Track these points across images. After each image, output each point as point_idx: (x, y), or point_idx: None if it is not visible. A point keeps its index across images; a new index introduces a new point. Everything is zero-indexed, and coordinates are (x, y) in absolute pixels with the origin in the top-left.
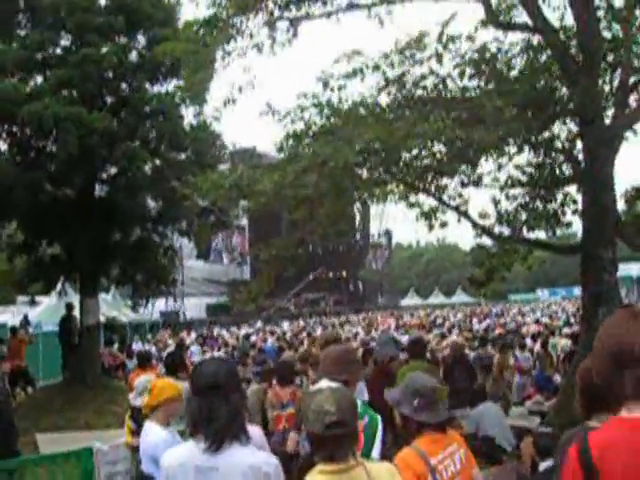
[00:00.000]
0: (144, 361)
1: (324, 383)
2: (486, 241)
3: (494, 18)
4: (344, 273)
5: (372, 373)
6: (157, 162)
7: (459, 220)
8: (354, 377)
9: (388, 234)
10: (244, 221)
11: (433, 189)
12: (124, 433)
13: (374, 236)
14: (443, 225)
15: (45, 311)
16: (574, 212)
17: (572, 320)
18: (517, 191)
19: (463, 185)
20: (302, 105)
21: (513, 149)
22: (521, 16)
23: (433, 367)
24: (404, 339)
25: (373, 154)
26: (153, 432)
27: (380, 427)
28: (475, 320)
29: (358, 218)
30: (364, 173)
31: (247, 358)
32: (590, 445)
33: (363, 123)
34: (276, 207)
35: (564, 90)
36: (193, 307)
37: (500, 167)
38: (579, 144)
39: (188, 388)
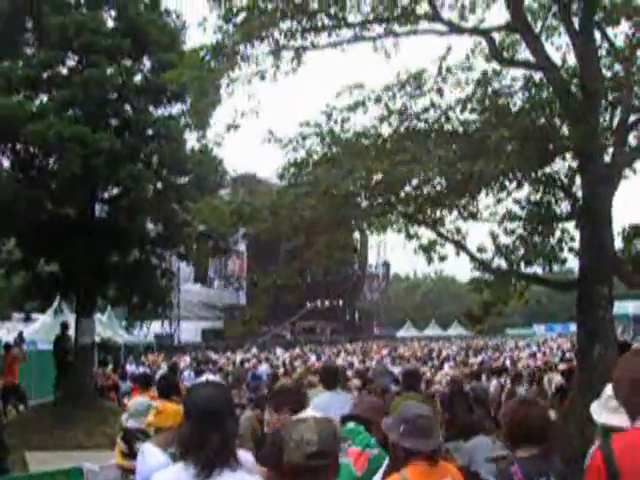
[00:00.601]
0: (145, 384)
1: (308, 412)
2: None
3: (497, 53)
4: (340, 302)
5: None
6: (159, 185)
7: (458, 253)
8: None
9: (386, 265)
10: (242, 246)
11: (432, 221)
12: (115, 454)
13: (372, 266)
14: (442, 259)
15: (40, 329)
16: (571, 250)
17: (568, 356)
18: (515, 225)
19: (462, 218)
20: (304, 133)
21: (513, 184)
22: (524, 53)
23: (428, 399)
24: (398, 370)
25: (374, 185)
26: (152, 455)
27: (385, 464)
28: (471, 353)
29: (356, 247)
30: (363, 202)
31: (241, 384)
32: (613, 447)
33: (365, 153)
34: (274, 233)
35: (564, 127)
36: (188, 331)
37: (499, 201)
38: (578, 180)
39: (181, 412)
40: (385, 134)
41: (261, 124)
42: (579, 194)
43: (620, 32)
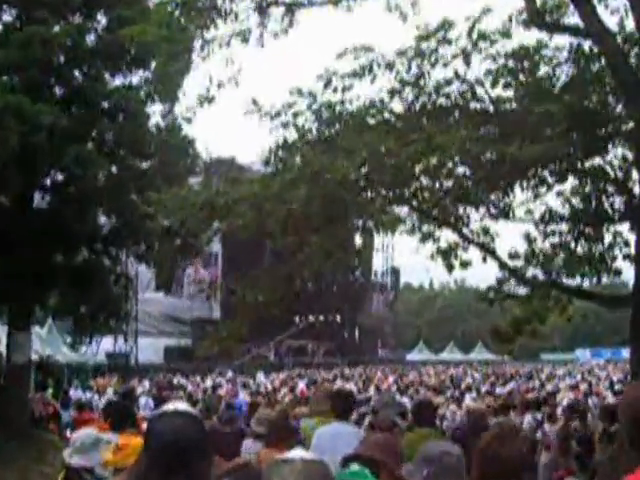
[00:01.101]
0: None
1: (296, 452)
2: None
3: (538, 17)
4: (338, 317)
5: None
6: (114, 170)
7: (484, 259)
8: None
9: (395, 273)
10: (217, 247)
11: (453, 220)
12: None
13: (377, 274)
14: (465, 265)
15: None
16: (625, 257)
17: (618, 388)
18: (556, 227)
19: (490, 216)
20: (295, 106)
21: (554, 176)
22: (571, 17)
23: (444, 437)
24: (408, 402)
25: (380, 170)
26: None
27: None
28: (498, 382)
29: (358, 249)
30: (368, 194)
31: (212, 415)
32: None
33: (370, 132)
34: (256, 230)
35: (619, 108)
36: (148, 349)
37: (537, 197)
38: (635, 174)
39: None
40: (396, 110)
41: (242, 97)
42: (636, 190)
43: None
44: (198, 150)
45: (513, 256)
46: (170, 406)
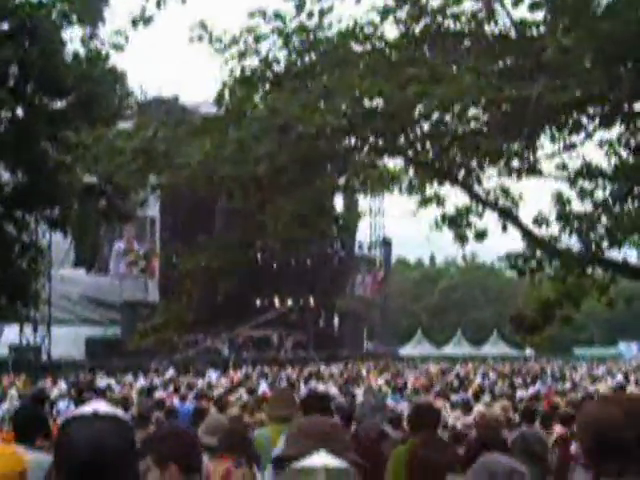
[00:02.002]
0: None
1: (319, 458)
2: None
3: None
4: (311, 300)
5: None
6: (19, 110)
7: (504, 227)
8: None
9: (386, 245)
10: (154, 210)
11: (463, 176)
12: None
13: (363, 246)
14: (480, 236)
15: None
16: None
17: None
18: (596, 185)
19: (511, 172)
20: (258, 30)
21: (594, 121)
22: None
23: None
24: (402, 407)
25: (369, 116)
26: None
27: None
28: (518, 382)
29: (338, 216)
30: (351, 141)
31: (148, 423)
32: None
33: (355, 66)
34: (206, 186)
35: None
36: (64, 341)
37: (572, 147)
38: None
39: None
40: (389, 36)
41: (188, 19)
42: None
43: None
44: (130, 87)
45: (540, 222)
46: (87, 408)
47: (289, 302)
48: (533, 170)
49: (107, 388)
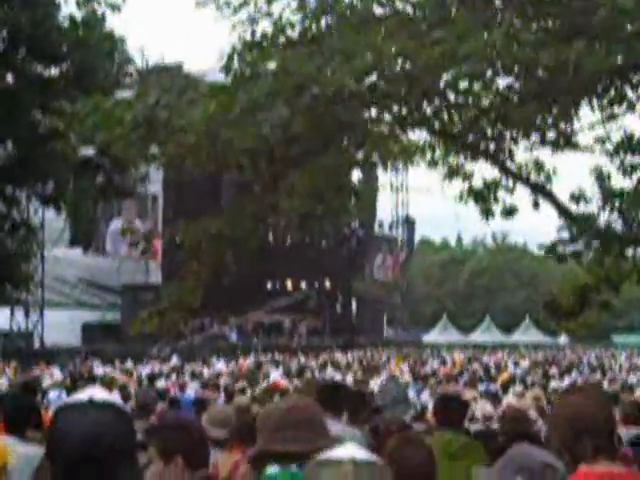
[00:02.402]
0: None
1: (345, 450)
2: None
3: None
4: (327, 283)
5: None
6: (9, 77)
7: (536, 204)
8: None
9: (409, 224)
10: (156, 186)
11: (493, 149)
12: None
13: (384, 225)
14: (509, 212)
15: None
16: None
17: None
18: None
19: (546, 144)
20: None
21: (638, 91)
22: None
23: (478, 445)
24: (425, 397)
25: (390, 81)
26: None
27: None
28: (553, 372)
29: (357, 191)
30: (372, 113)
31: (150, 414)
32: None
33: (376, 27)
34: (213, 159)
35: None
36: (58, 326)
37: (612, 118)
38: None
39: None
40: None
41: None
42: None
43: None
44: (129, 53)
45: (578, 198)
46: (82, 395)
47: (303, 285)
48: (570, 143)
49: (105, 377)
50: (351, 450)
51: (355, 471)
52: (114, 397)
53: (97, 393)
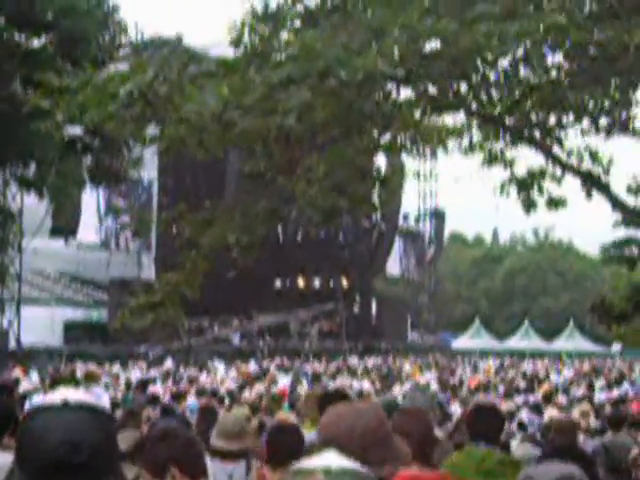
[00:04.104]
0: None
1: (322, 458)
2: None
3: None
4: (344, 281)
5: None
6: None
7: (588, 193)
8: None
9: (438, 217)
10: (151, 171)
11: (539, 134)
12: None
13: (409, 218)
14: (557, 204)
15: None
16: None
17: None
18: None
19: (599, 131)
20: None
21: None
22: None
23: (516, 461)
24: (455, 408)
25: (426, 63)
26: None
27: None
28: (600, 384)
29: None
30: (399, 93)
31: (138, 420)
32: None
33: (406, 3)
34: (220, 144)
35: None
36: (38, 324)
37: None
38: None
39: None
40: None
41: None
42: None
43: None
44: (123, 23)
45: (636, 190)
46: (55, 396)
47: (316, 283)
48: (626, 128)
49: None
50: (328, 458)
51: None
52: (95, 394)
53: (72, 394)
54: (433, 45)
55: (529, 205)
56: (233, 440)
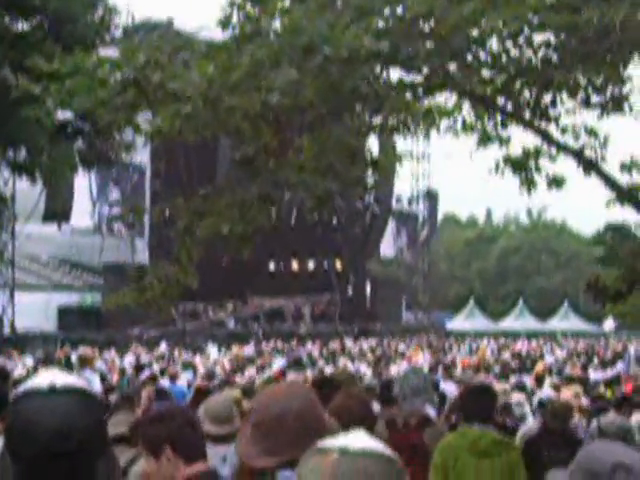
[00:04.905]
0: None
1: (342, 439)
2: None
3: None
4: (338, 264)
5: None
6: None
7: (586, 171)
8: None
9: (431, 198)
10: (143, 155)
11: (531, 115)
12: None
13: (402, 200)
14: (557, 183)
15: None
16: None
17: None
18: None
19: (590, 109)
20: None
21: None
22: None
23: (511, 441)
24: (450, 388)
25: (414, 40)
26: None
27: None
28: (594, 364)
29: (374, 159)
30: (391, 74)
31: (134, 405)
32: None
33: None
34: (209, 127)
35: None
36: (32, 310)
37: None
38: None
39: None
40: None
41: None
42: None
43: None
44: (113, 6)
45: (629, 167)
46: (42, 379)
47: (310, 266)
48: (620, 107)
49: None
50: (351, 437)
51: (339, 462)
52: (86, 377)
53: (59, 377)
54: (420, 23)
55: (529, 184)
56: (222, 424)
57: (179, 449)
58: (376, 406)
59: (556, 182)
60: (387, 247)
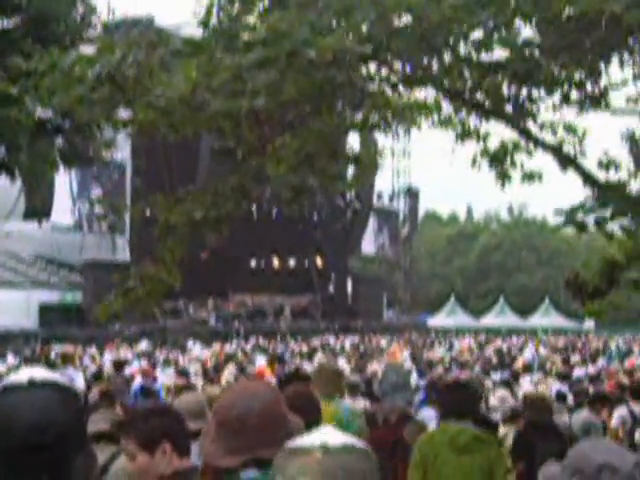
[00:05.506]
0: None
1: (317, 435)
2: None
3: None
4: (319, 261)
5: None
6: None
7: (563, 167)
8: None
9: (412, 195)
10: (124, 152)
11: (510, 109)
12: None
13: (383, 197)
14: (531, 177)
15: None
16: None
17: None
18: None
19: (568, 105)
20: None
21: None
22: None
23: (491, 437)
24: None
25: (395, 38)
26: None
27: None
28: (575, 360)
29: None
30: (371, 70)
31: (114, 403)
32: None
33: None
34: (190, 126)
35: None
36: (12, 308)
37: None
38: None
39: None
40: None
41: None
42: None
43: None
44: (93, 3)
45: (607, 165)
46: (20, 375)
47: (291, 263)
48: (598, 103)
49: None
50: (325, 434)
51: (324, 460)
52: (69, 375)
53: (38, 372)
54: (403, 20)
55: (503, 178)
56: (197, 420)
57: (174, 443)
58: (362, 402)
59: (530, 177)
60: (368, 244)
